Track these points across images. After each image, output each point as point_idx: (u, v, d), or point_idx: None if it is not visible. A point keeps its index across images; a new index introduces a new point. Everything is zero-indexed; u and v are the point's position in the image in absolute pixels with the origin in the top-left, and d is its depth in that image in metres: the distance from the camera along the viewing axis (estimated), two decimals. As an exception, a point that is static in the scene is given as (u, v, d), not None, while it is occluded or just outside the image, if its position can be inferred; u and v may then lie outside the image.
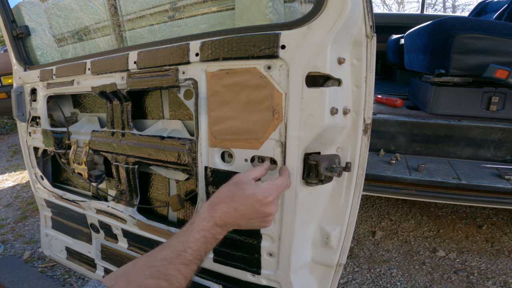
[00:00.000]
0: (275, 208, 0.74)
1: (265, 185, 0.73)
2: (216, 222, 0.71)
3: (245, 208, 0.71)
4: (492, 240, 2.26)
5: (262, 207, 0.72)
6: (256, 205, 0.71)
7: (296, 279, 0.95)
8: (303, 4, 0.95)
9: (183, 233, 0.70)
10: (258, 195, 0.71)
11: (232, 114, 0.87)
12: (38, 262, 2.24)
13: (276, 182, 0.75)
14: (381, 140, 1.95)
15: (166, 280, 0.63)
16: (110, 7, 1.30)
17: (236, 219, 0.72)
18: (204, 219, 0.71)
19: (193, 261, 0.67)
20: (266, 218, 0.74)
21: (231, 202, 0.71)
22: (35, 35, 1.52)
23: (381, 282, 1.92)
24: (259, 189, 0.72)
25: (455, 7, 16.45)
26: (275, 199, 0.74)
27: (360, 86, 0.80)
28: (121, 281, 0.62)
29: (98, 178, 1.33)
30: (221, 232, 0.72)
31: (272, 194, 0.73)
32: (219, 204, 0.72)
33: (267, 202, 0.72)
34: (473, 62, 1.77)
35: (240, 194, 0.71)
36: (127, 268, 0.65)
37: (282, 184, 0.76)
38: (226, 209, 0.71)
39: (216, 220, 0.71)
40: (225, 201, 0.72)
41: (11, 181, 3.81)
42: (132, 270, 0.65)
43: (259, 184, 0.73)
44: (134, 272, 0.64)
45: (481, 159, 1.84)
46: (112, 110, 1.21)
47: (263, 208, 0.72)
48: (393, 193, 1.73)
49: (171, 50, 0.95)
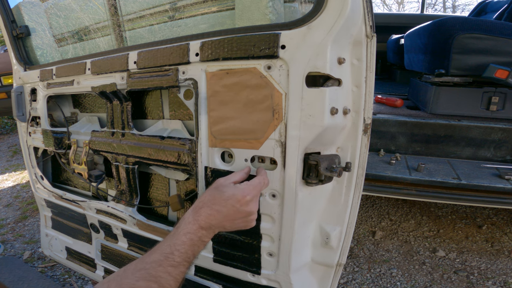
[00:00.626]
0: (255, 206, 0.79)
1: (243, 186, 0.77)
2: (201, 225, 0.74)
3: (227, 209, 0.75)
4: (492, 240, 2.26)
5: (242, 207, 0.75)
6: (237, 205, 0.75)
7: (296, 279, 0.95)
8: (303, 4, 0.95)
9: (170, 237, 0.74)
10: (237, 195, 0.75)
11: (232, 114, 0.87)
12: (38, 262, 2.24)
13: (253, 182, 0.79)
14: (381, 140, 1.96)
15: (156, 282, 0.66)
16: (110, 7, 1.30)
17: (220, 221, 0.76)
18: (189, 222, 0.75)
19: (181, 263, 0.71)
20: (248, 217, 0.78)
21: (213, 205, 0.75)
22: (35, 35, 1.52)
23: (381, 282, 1.92)
24: (237, 190, 0.76)
25: (455, 7, 16.46)
26: (254, 197, 0.77)
27: (360, 86, 0.80)
28: (113, 284, 0.65)
29: (98, 178, 1.33)
30: (207, 235, 0.76)
31: (250, 193, 0.76)
32: (202, 208, 0.76)
33: (247, 201, 0.76)
34: (473, 62, 1.77)
35: (220, 197, 0.76)
36: (119, 273, 0.69)
37: (260, 183, 0.80)
38: (210, 211, 0.75)
39: (200, 223, 0.75)
40: (207, 204, 0.76)
41: (11, 181, 3.81)
42: (123, 274, 0.68)
43: (237, 185, 0.78)
44: (126, 275, 0.67)
45: (481, 159, 1.84)
46: (112, 110, 1.21)
47: (244, 207, 0.76)
48: (393, 193, 1.74)
49: (171, 50, 0.95)
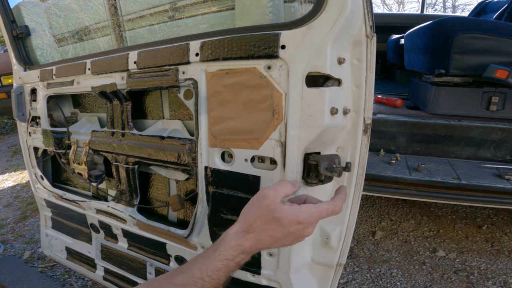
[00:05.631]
0: (311, 232, 0.68)
1: (306, 210, 0.66)
2: (244, 250, 0.66)
3: (282, 234, 0.65)
4: (492, 240, 2.26)
5: (299, 231, 0.66)
6: (295, 232, 0.65)
7: (296, 279, 0.95)
8: (303, 4, 0.95)
9: (203, 258, 0.66)
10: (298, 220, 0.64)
11: (232, 114, 0.87)
12: (38, 262, 2.24)
13: (320, 208, 0.67)
14: (381, 140, 1.95)
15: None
16: (110, 7, 1.30)
17: (268, 244, 0.67)
18: (231, 247, 0.65)
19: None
20: (299, 239, 0.68)
21: (266, 230, 0.65)
22: (35, 35, 1.52)
23: (381, 282, 1.92)
24: (299, 214, 0.65)
25: (455, 7, 16.46)
26: (314, 223, 0.67)
27: (360, 86, 0.80)
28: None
29: (98, 178, 1.33)
30: (246, 258, 0.67)
31: (314, 220, 0.66)
32: (251, 233, 0.66)
33: (306, 228, 0.66)
34: (473, 62, 1.76)
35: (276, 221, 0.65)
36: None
37: (327, 211, 0.67)
38: (260, 237, 0.65)
39: (244, 249, 0.66)
40: (259, 229, 0.65)
41: (11, 181, 3.81)
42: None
43: (298, 208, 0.66)
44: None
45: (481, 159, 1.84)
46: (112, 110, 1.21)
47: (301, 232, 0.66)
48: (393, 193, 1.73)
49: (171, 50, 0.95)
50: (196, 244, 1.08)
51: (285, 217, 0.64)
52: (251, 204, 0.69)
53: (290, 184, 0.70)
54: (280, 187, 0.68)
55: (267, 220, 0.65)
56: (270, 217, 0.65)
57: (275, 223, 0.65)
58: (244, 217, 0.68)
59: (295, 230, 0.65)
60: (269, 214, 0.65)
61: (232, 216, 0.97)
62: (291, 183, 0.71)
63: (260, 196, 0.67)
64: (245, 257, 0.67)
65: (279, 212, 0.65)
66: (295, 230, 0.65)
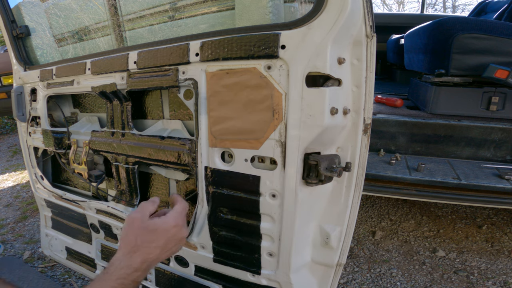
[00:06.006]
0: (187, 230, 0.86)
1: (171, 215, 0.81)
2: (136, 268, 0.73)
3: (164, 242, 0.77)
4: (492, 240, 2.26)
5: (177, 234, 0.80)
6: (173, 236, 0.79)
7: (296, 279, 0.95)
8: (303, 4, 0.95)
9: (98, 281, 0.72)
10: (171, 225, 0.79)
11: (232, 114, 0.87)
12: (38, 262, 2.24)
13: (178, 209, 0.84)
14: (381, 140, 1.95)
15: None
16: (110, 7, 1.30)
17: (157, 256, 0.77)
18: (122, 268, 0.73)
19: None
20: (181, 242, 0.83)
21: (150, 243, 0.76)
22: (35, 35, 1.52)
23: (381, 282, 1.92)
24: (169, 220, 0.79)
25: (455, 7, 16.46)
26: (184, 222, 0.83)
27: (360, 86, 0.80)
28: None
29: (98, 178, 1.33)
30: (141, 276, 0.75)
31: (181, 219, 0.82)
32: (137, 251, 0.75)
33: (180, 228, 0.81)
34: (473, 62, 1.77)
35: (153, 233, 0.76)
36: None
37: (184, 209, 0.85)
38: (148, 250, 0.75)
39: (137, 266, 0.73)
40: (143, 246, 0.75)
41: (11, 181, 3.81)
42: None
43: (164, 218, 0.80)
44: None
45: (481, 159, 1.84)
46: (112, 110, 1.21)
47: (179, 234, 0.81)
48: (393, 193, 1.73)
49: (171, 50, 0.95)
50: (196, 244, 1.08)
51: (160, 226, 0.77)
52: (126, 232, 0.78)
53: (150, 202, 0.84)
54: (142, 208, 0.82)
55: (146, 235, 0.76)
56: (147, 232, 0.76)
57: (153, 234, 0.76)
58: (124, 243, 0.77)
59: (174, 232, 0.79)
60: (144, 230, 0.77)
61: (232, 216, 0.97)
62: (151, 201, 0.85)
63: (129, 221, 0.79)
64: (140, 274, 0.74)
65: (152, 225, 0.77)
66: (174, 233, 0.79)
